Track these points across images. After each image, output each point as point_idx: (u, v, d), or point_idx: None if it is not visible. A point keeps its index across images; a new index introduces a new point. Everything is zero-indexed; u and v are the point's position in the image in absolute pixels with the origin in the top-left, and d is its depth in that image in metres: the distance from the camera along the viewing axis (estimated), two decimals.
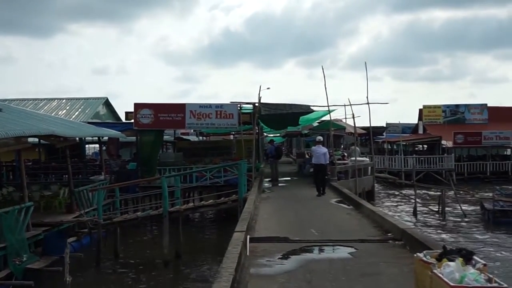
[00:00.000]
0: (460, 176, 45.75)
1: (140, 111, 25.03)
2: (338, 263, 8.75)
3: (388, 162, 46.30)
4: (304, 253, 9.70)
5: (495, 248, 19.70)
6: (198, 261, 17.04)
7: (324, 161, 20.00)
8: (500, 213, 24.06)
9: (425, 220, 26.28)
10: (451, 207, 28.15)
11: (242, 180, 18.69)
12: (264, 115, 24.87)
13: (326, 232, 11.73)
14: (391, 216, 14.40)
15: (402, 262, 8.38)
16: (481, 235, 22.37)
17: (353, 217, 14.30)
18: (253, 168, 23.10)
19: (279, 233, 11.37)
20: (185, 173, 22.74)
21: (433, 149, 50.37)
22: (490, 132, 48.71)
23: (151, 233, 22.33)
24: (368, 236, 11.04)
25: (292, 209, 16.12)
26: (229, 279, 6.80)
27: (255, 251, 9.63)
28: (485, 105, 55.93)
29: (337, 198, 18.45)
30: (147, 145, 25.10)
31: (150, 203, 21.41)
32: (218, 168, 22.75)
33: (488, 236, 22.10)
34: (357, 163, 24.90)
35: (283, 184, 24.49)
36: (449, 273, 5.21)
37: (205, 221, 26.19)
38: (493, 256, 17.90)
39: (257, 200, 17.24)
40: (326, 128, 29.82)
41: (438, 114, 55.62)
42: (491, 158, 48.96)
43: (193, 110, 25.11)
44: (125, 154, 33.80)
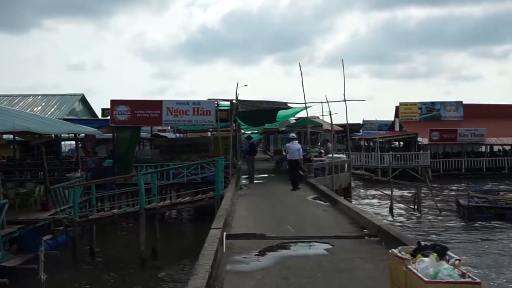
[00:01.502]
0: (435, 172, 46.28)
1: (117, 107, 24.86)
2: (314, 259, 8.76)
3: (364, 159, 46.67)
4: (280, 250, 9.70)
5: (469, 243, 19.95)
6: (174, 258, 17.01)
7: (298, 156, 20.96)
8: (474, 209, 24.35)
9: (401, 216, 26.52)
10: (427, 203, 28.39)
11: (219, 177, 18.67)
12: (241, 112, 24.85)
13: (303, 228, 11.76)
14: (367, 212, 14.46)
15: (378, 258, 8.42)
16: (456, 231, 22.64)
17: (329, 213, 14.35)
18: (230, 165, 23.07)
19: (256, 230, 11.38)
20: (162, 170, 22.65)
21: (409, 146, 50.82)
22: (465, 129, 49.33)
23: (127, 230, 22.23)
24: (344, 233, 11.09)
25: (269, 206, 16.13)
26: (205, 276, 6.77)
27: (232, 248, 9.62)
28: (460, 103, 56.62)
29: (314, 195, 18.50)
30: (124, 142, 24.93)
31: (127, 200, 21.26)
32: (195, 165, 22.69)
33: (463, 232, 22.37)
34: (333, 160, 25.00)
35: (260, 181, 24.48)
36: (424, 269, 5.24)
37: (182, 218, 26.15)
38: (467, 252, 18.11)
39: (234, 197, 17.22)
40: (303, 125, 29.90)
41: (414, 111, 56.17)
42: (466, 155, 49.54)
43: (170, 107, 25.01)
44: (101, 151, 33.60)
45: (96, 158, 27.14)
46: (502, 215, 23.91)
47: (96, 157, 27.57)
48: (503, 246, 19.26)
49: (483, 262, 16.77)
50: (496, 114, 53.59)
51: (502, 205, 24.35)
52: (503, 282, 14.68)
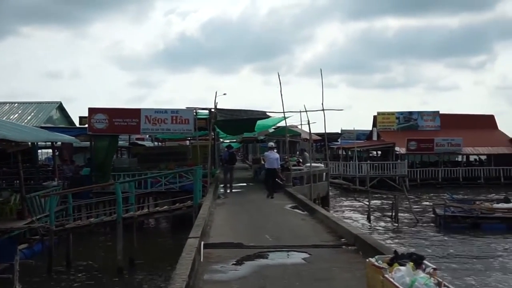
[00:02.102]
0: (413, 182, 46.64)
1: (94, 116, 24.70)
2: (292, 269, 8.77)
3: (342, 168, 46.84)
4: (258, 259, 9.69)
5: (446, 252, 20.09)
6: (152, 268, 16.92)
7: (277, 165, 21.54)
8: (450, 218, 24.56)
9: (379, 225, 26.66)
10: (404, 212, 28.56)
11: (197, 186, 18.62)
12: (220, 121, 24.84)
13: (281, 237, 11.76)
14: (345, 221, 14.50)
15: (355, 267, 8.44)
16: (432, 240, 22.78)
17: (307, 222, 14.37)
18: (209, 174, 23.03)
19: (234, 239, 11.35)
20: (140, 179, 22.53)
21: (387, 156, 51.11)
22: (442, 139, 49.84)
23: (104, 239, 22.03)
24: (322, 242, 11.11)
25: (247, 215, 16.12)
26: (182, 285, 6.74)
27: (209, 257, 9.59)
28: (437, 112, 57.11)
29: (292, 204, 18.52)
30: (101, 151, 24.74)
31: (104, 209, 21.10)
32: (173, 174, 22.62)
33: (439, 241, 22.52)
34: (312, 169, 25.06)
35: (239, 190, 24.47)
36: (400, 278, 5.28)
37: (160, 227, 26.02)
38: (443, 261, 18.25)
39: (212, 206, 17.20)
40: (281, 134, 29.94)
41: (392, 121, 56.54)
42: (443, 164, 50.00)
43: (148, 115, 24.90)
44: (79, 159, 33.30)
45: (73, 167, 26.91)
46: (477, 225, 24.15)
47: (73, 166, 27.34)
48: (478, 255, 19.42)
49: (459, 271, 16.90)
50: (472, 124, 54.20)
51: (477, 215, 24.58)
52: None
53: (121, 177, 23.36)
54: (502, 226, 23.86)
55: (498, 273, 16.74)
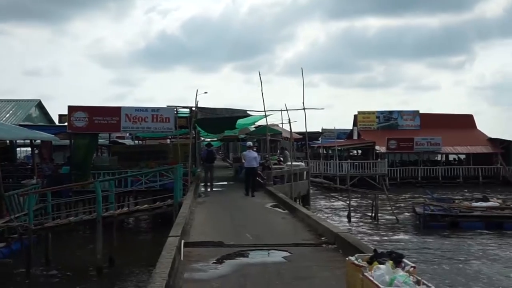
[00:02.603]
0: (393, 181, 46.97)
1: (74, 114, 24.50)
2: (272, 267, 8.77)
3: (323, 167, 46.99)
4: (238, 258, 9.69)
5: (425, 251, 20.25)
6: (132, 267, 16.82)
7: (256, 164, 21.63)
8: (430, 217, 24.71)
9: (359, 224, 26.78)
10: (384, 211, 28.71)
11: (178, 185, 18.57)
12: (200, 119, 24.80)
13: (261, 236, 11.76)
14: (325, 220, 14.55)
15: (335, 266, 8.46)
16: (411, 239, 22.95)
17: (288, 221, 14.40)
18: (189, 173, 22.99)
19: (214, 238, 11.34)
20: (120, 177, 22.43)
21: (367, 155, 51.42)
22: (421, 138, 50.27)
23: (84, 238, 21.86)
24: (302, 240, 11.14)
25: (227, 213, 16.10)
26: (162, 284, 6.72)
27: (190, 256, 9.57)
28: (417, 112, 57.54)
29: (273, 203, 18.55)
30: (81, 149, 24.56)
31: (84, 208, 20.97)
32: (154, 173, 22.54)
33: (418, 240, 22.68)
34: (292, 168, 25.11)
35: (219, 188, 24.45)
36: (380, 276, 5.31)
37: (140, 226, 25.91)
38: (423, 259, 18.38)
39: (192, 205, 17.16)
40: (262, 133, 29.94)
41: (372, 120, 56.86)
42: (422, 163, 50.40)
43: (129, 113, 24.77)
44: (58, 157, 33.08)
45: (53, 165, 26.68)
46: (456, 223, 24.35)
47: (53, 164, 27.11)
48: (457, 253, 19.58)
49: (438, 269, 17.03)
50: (451, 124, 54.68)
51: (456, 213, 24.79)
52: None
53: (101, 176, 23.20)
54: (481, 224, 24.07)
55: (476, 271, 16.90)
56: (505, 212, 25.03)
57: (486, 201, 26.73)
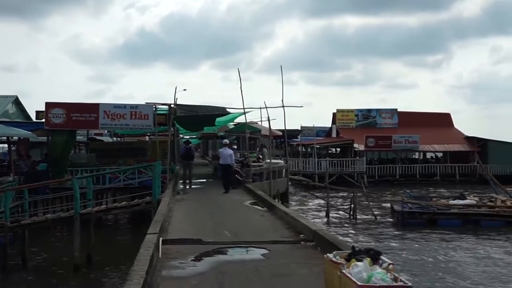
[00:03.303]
0: (371, 178, 47.17)
1: (52, 110, 24.28)
2: (251, 265, 8.77)
3: (302, 165, 47.08)
4: (217, 255, 9.66)
5: (402, 248, 20.39)
6: (110, 265, 16.70)
7: (231, 161, 21.95)
8: (408, 214, 24.89)
9: (337, 221, 26.89)
10: (362, 208, 28.85)
11: (156, 182, 18.48)
12: (179, 117, 24.72)
13: (240, 233, 11.75)
14: (304, 217, 14.57)
15: (313, 263, 8.48)
16: (389, 236, 23.10)
17: (266, 218, 14.40)
18: (168, 170, 22.93)
19: (193, 235, 11.30)
20: (98, 174, 22.30)
21: (346, 152, 51.65)
22: (399, 136, 50.60)
23: (61, 236, 21.72)
24: (281, 238, 11.14)
25: (206, 211, 16.07)
26: (140, 282, 6.68)
27: (168, 253, 9.53)
28: (395, 110, 57.87)
29: (252, 200, 18.54)
30: (59, 146, 24.39)
31: (61, 205, 20.79)
32: (132, 170, 22.44)
33: (396, 237, 22.84)
34: (271, 166, 25.13)
35: (198, 186, 24.39)
36: (357, 273, 5.32)
37: (118, 223, 25.75)
38: (400, 256, 18.52)
39: (171, 202, 17.09)
40: (241, 130, 29.97)
41: (351, 118, 57.06)
42: (400, 161, 50.74)
43: (107, 110, 24.61)
44: (35, 154, 32.75)
45: (30, 162, 26.42)
46: (434, 220, 24.59)
47: (30, 161, 26.84)
48: (435, 251, 19.73)
49: (416, 266, 17.16)
50: (429, 122, 55.15)
51: (434, 211, 25.01)
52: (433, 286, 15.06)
53: (79, 173, 23.05)
54: (458, 221, 24.33)
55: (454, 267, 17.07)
56: (481, 209, 25.33)
57: (463, 199, 26.99)
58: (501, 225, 23.92)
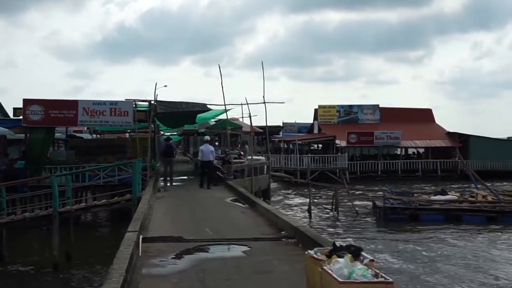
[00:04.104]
0: (353, 174, 47.35)
1: (30, 107, 24.07)
2: (232, 262, 8.77)
3: (284, 161, 47.10)
4: (197, 253, 9.67)
5: (384, 243, 20.49)
6: (89, 263, 16.62)
7: (212, 157, 22.33)
8: (390, 210, 25.04)
9: (319, 218, 26.98)
10: (344, 205, 28.96)
11: (136, 179, 18.41)
12: (160, 113, 24.65)
13: (221, 231, 11.75)
14: (285, 214, 14.62)
15: (295, 260, 8.49)
16: (371, 232, 23.23)
17: (248, 215, 14.43)
18: (148, 167, 22.87)
19: (173, 233, 11.28)
20: (77, 172, 22.16)
21: (327, 149, 51.72)
22: (381, 132, 50.82)
23: (40, 235, 21.53)
24: (262, 234, 11.16)
25: (187, 208, 16.06)
26: (119, 280, 6.64)
27: (148, 251, 9.50)
28: (377, 106, 58.06)
29: (233, 197, 18.57)
30: (37, 143, 24.18)
31: (40, 204, 20.62)
32: (112, 167, 22.34)
33: (378, 233, 22.97)
34: (253, 162, 25.14)
35: (179, 183, 24.35)
36: (338, 269, 5.33)
37: (98, 221, 25.61)
38: (382, 252, 18.61)
39: (151, 200, 17.05)
40: (222, 127, 29.89)
41: (332, 114, 57.15)
42: (382, 157, 50.98)
43: (86, 107, 24.46)
44: (13, 152, 32.41)
45: (7, 160, 26.18)
46: (416, 216, 24.73)
47: (7, 159, 26.59)
48: (417, 245, 19.86)
49: (397, 262, 17.26)
50: (410, 118, 55.31)
51: (416, 206, 25.19)
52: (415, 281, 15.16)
53: (58, 170, 22.91)
54: (439, 217, 24.50)
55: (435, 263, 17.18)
56: (463, 205, 25.55)
57: (445, 195, 27.23)
58: (482, 221, 24.09)
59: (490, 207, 25.08)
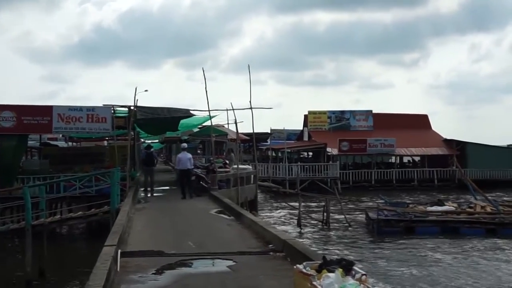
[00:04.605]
0: (345, 184, 47.34)
1: (1, 113, 23.97)
2: (216, 277, 8.77)
3: (272, 170, 47.08)
4: (180, 268, 9.65)
5: (377, 258, 20.50)
6: (64, 280, 16.55)
7: (190, 165, 22.43)
8: (384, 222, 25.00)
9: (310, 230, 26.97)
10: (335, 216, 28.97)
11: (115, 190, 18.38)
12: (140, 119, 24.60)
13: (205, 244, 11.74)
14: (273, 226, 14.62)
15: (283, 274, 8.49)
16: (364, 245, 23.23)
17: (233, 228, 14.42)
18: (128, 177, 22.80)
19: (154, 247, 11.24)
20: (51, 182, 22.08)
21: (318, 157, 51.79)
22: (375, 140, 50.91)
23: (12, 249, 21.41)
24: (249, 248, 11.16)
25: (169, 220, 16.03)
26: None
27: (127, 266, 9.47)
28: (370, 112, 58.11)
29: (218, 208, 18.55)
30: (8, 152, 24.09)
31: (11, 216, 20.54)
32: (89, 177, 22.27)
33: (371, 246, 22.98)
34: (239, 171, 25.14)
35: (161, 194, 24.29)
36: (329, 285, 5.36)
37: (74, 235, 25.49)
38: (375, 266, 18.64)
39: (131, 211, 17.00)
40: (207, 134, 29.96)
41: (323, 120, 57.16)
42: (376, 166, 51.04)
43: (62, 113, 24.38)
44: None
45: None
46: (411, 228, 24.74)
47: None
48: (412, 261, 19.88)
49: (391, 277, 17.27)
50: (405, 124, 55.30)
51: (411, 218, 25.19)
52: None
53: (31, 181, 22.81)
54: (436, 229, 24.52)
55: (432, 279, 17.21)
56: (461, 216, 25.59)
57: (441, 205, 27.30)
58: (481, 233, 24.15)
59: (489, 218, 25.14)
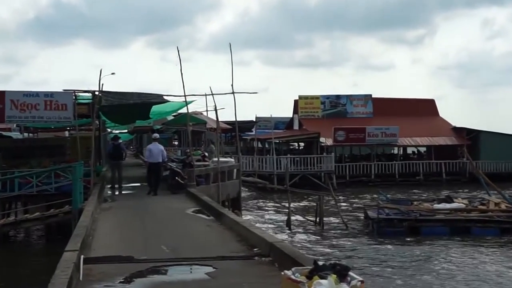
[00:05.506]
0: (341, 179, 47.50)
1: None
2: (193, 286, 8.80)
3: (258, 164, 47.07)
4: (152, 275, 9.64)
5: (377, 261, 20.59)
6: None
7: (162, 159, 23.03)
8: (385, 222, 25.08)
9: (300, 231, 27.02)
10: (330, 215, 29.07)
11: (77, 187, 18.37)
12: (106, 106, 24.53)
13: (180, 248, 11.74)
14: (258, 228, 14.64)
15: (269, 282, 8.52)
16: (363, 248, 23.28)
17: (213, 229, 14.44)
18: (92, 172, 22.75)
19: (122, 252, 11.23)
20: (4, 179, 21.99)
21: (310, 148, 51.88)
22: (375, 128, 50.94)
23: None
24: (231, 252, 11.17)
25: (139, 221, 16.01)
26: None
27: (91, 274, 9.44)
28: (369, 96, 58.16)
29: (195, 208, 18.57)
30: None
31: None
32: (48, 173, 22.19)
33: (371, 249, 23.04)
34: (220, 165, 25.14)
35: (130, 191, 24.30)
36: None
37: (30, 239, 25.42)
38: (374, 271, 18.73)
39: (96, 212, 16.97)
40: (183, 123, 29.93)
41: (316, 107, 57.14)
42: (376, 158, 51.15)
43: (15, 99, 24.22)
44: None
45: None
46: (416, 228, 24.84)
47: None
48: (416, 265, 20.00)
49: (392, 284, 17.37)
50: (410, 110, 55.62)
51: (416, 217, 25.26)
52: None
53: None
54: (444, 229, 24.66)
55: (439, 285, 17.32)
56: (472, 214, 25.72)
57: (450, 202, 27.42)
58: (495, 233, 24.35)
59: (504, 216, 25.31)
